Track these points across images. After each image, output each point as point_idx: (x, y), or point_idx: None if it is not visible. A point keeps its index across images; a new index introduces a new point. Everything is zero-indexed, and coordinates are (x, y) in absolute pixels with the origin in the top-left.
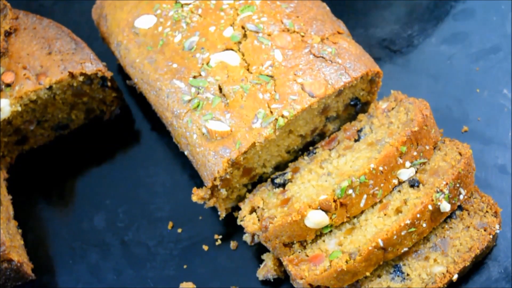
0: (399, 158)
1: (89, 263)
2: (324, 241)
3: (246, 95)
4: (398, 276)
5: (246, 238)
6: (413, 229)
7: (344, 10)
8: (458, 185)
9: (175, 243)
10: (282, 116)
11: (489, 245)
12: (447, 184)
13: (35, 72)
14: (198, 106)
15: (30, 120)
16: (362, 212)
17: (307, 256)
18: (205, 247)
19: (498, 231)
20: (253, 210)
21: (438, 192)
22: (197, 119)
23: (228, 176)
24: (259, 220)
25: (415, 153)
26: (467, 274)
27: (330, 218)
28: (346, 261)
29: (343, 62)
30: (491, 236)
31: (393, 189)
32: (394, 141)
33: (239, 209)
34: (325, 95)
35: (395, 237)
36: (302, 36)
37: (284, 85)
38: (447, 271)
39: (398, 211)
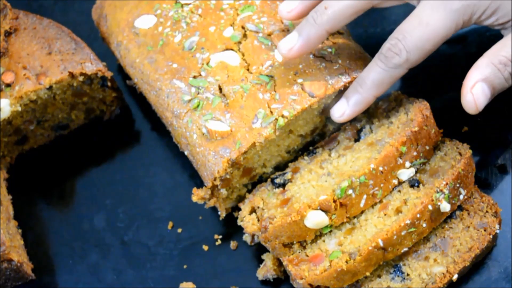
0: (399, 158)
1: (89, 263)
2: (324, 241)
3: (246, 95)
4: (398, 276)
5: (246, 238)
6: (413, 229)
7: None
8: (458, 185)
9: (175, 243)
10: (282, 116)
11: (489, 245)
12: (447, 184)
13: (35, 72)
14: (198, 106)
15: (30, 120)
16: (362, 212)
17: (307, 256)
18: (205, 247)
19: (498, 231)
20: (253, 211)
21: (438, 192)
22: (197, 119)
23: (228, 176)
24: (258, 220)
25: (415, 153)
26: (467, 274)
27: (330, 218)
28: (346, 261)
29: (343, 62)
30: (491, 236)
31: (393, 189)
32: (394, 141)
33: (239, 209)
34: (325, 95)
35: (395, 237)
36: None
37: (284, 85)
38: (447, 271)
39: (398, 211)
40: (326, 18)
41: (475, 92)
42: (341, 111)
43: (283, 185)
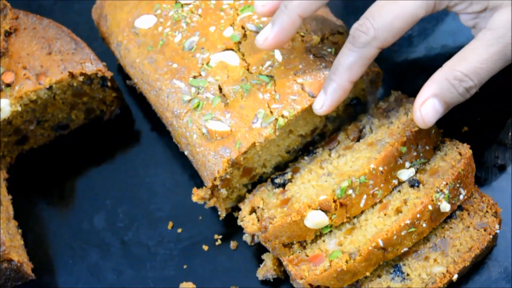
0: (399, 158)
1: (89, 263)
2: (324, 241)
3: (246, 95)
4: (398, 276)
5: (246, 238)
6: (413, 229)
7: (344, 10)
8: (458, 185)
9: (175, 243)
10: (282, 116)
11: (489, 245)
12: (447, 184)
13: (35, 72)
14: (198, 106)
15: (30, 120)
16: (362, 212)
17: (307, 256)
18: (205, 247)
19: (498, 231)
20: (253, 211)
21: (438, 192)
22: (197, 119)
23: (228, 176)
24: (258, 220)
25: (415, 153)
26: (467, 274)
27: (330, 218)
28: (346, 261)
29: None
30: (491, 236)
31: (393, 189)
32: (394, 141)
33: (239, 209)
34: None
35: (395, 237)
36: (302, 36)
37: (284, 85)
38: (447, 271)
39: (398, 211)
40: (296, 2)
41: (423, 110)
42: (321, 103)
43: (283, 185)
